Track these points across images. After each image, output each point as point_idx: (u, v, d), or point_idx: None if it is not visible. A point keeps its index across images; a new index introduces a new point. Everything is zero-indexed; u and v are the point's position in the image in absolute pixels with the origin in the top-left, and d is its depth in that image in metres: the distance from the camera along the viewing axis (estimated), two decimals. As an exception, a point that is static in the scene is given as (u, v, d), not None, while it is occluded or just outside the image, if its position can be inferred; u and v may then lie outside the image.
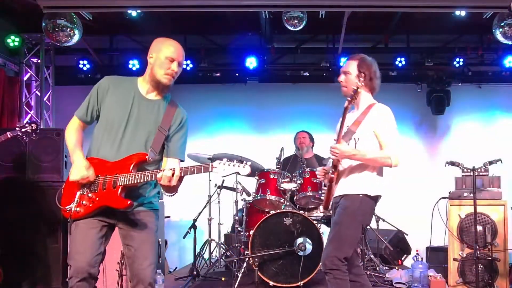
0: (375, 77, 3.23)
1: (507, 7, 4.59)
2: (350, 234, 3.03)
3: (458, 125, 7.37)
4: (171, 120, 2.82)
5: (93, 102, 2.79)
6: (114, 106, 2.76)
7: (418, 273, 4.59)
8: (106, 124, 2.76)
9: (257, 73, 7.04)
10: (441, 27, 6.50)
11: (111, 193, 2.66)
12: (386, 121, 3.11)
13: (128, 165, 2.68)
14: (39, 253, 5.20)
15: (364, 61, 3.22)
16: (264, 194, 4.81)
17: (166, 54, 2.76)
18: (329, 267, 2.96)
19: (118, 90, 2.78)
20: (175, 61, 2.78)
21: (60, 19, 5.50)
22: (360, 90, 3.09)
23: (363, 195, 3.05)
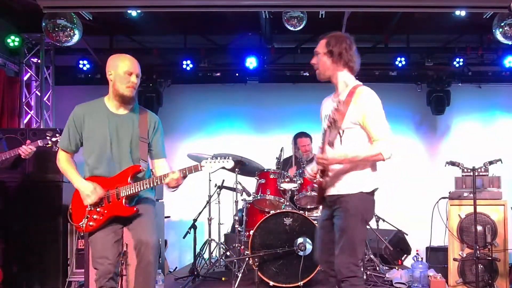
0: (347, 52, 2.96)
1: (507, 7, 4.60)
2: (360, 236, 2.90)
3: (458, 125, 7.36)
4: (147, 127, 3.12)
5: (73, 132, 3.07)
6: (93, 129, 3.04)
7: (418, 273, 4.59)
8: (91, 147, 3.06)
9: (257, 73, 7.04)
10: (441, 27, 6.50)
11: (117, 204, 3.01)
12: (372, 111, 2.83)
13: (125, 178, 3.02)
14: (39, 253, 5.20)
15: (332, 37, 3.01)
16: (264, 194, 4.81)
17: (124, 69, 3.03)
18: (346, 275, 2.81)
19: (92, 115, 3.06)
20: (133, 73, 3.04)
21: (60, 19, 5.49)
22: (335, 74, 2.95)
23: (361, 193, 2.87)
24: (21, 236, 5.19)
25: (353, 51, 3.02)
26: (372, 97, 2.89)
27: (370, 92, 2.91)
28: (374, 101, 2.88)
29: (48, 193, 5.36)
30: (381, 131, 2.83)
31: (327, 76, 3.03)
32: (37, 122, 6.73)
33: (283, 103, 7.29)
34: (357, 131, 2.88)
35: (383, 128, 2.84)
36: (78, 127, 3.06)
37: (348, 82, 2.97)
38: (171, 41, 7.09)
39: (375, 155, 2.81)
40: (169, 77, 7.31)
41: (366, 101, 2.85)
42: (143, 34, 6.91)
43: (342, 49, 2.97)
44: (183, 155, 5.74)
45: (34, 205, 5.27)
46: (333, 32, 3.09)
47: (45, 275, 5.23)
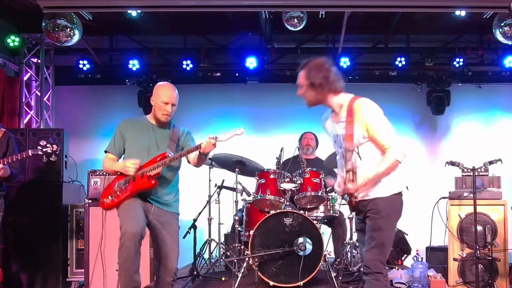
0: (327, 79, 3.01)
1: (507, 7, 4.61)
2: (390, 237, 3.10)
3: (458, 125, 7.36)
4: (177, 135, 3.71)
5: (118, 139, 3.62)
6: (136, 137, 3.60)
7: (418, 273, 4.59)
8: (132, 150, 3.58)
9: (257, 73, 7.04)
10: (441, 27, 6.50)
11: (140, 180, 3.46)
12: (373, 121, 2.94)
13: (153, 161, 3.50)
14: (39, 253, 5.20)
15: (310, 69, 3.07)
16: (264, 194, 4.80)
17: (162, 99, 3.54)
18: (373, 270, 2.98)
19: (135, 126, 3.64)
20: (169, 103, 3.56)
21: (60, 19, 5.49)
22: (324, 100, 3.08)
23: (391, 196, 3.03)
24: (21, 236, 5.19)
25: (333, 74, 3.05)
26: (369, 108, 2.98)
27: (366, 103, 3.00)
28: (372, 112, 2.98)
29: (48, 193, 5.36)
30: (388, 138, 2.96)
31: (316, 104, 3.17)
32: (37, 122, 6.73)
33: (283, 103, 7.27)
34: (371, 144, 3.03)
35: (388, 135, 2.97)
36: (122, 135, 3.60)
37: (342, 102, 3.07)
38: (171, 41, 7.09)
39: (392, 163, 2.97)
40: (169, 77, 7.26)
41: (364, 115, 2.96)
42: (143, 34, 6.91)
43: (322, 79, 3.02)
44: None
45: (34, 205, 5.28)
46: (310, 60, 3.14)
47: (45, 275, 5.23)
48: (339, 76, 3.09)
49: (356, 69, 6.76)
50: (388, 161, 2.96)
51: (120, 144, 3.62)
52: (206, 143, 3.39)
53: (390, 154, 2.95)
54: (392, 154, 2.95)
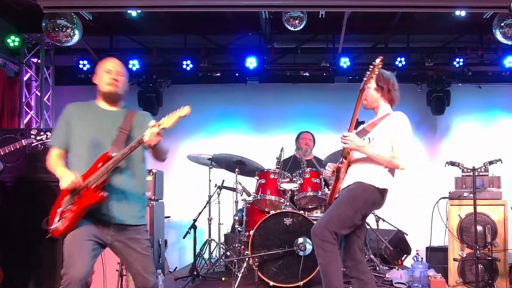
0: (393, 89, 3.41)
1: (507, 7, 4.61)
2: (345, 212, 3.13)
3: (458, 125, 7.36)
4: (132, 121, 3.02)
5: (63, 127, 3.00)
6: (82, 127, 2.97)
7: (418, 273, 4.59)
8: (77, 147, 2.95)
9: (257, 73, 7.04)
10: (441, 27, 6.50)
11: (86, 194, 2.82)
12: (402, 130, 3.22)
13: (96, 166, 2.85)
14: (38, 253, 5.20)
15: (382, 75, 3.38)
16: (264, 194, 4.81)
17: (103, 68, 3.02)
18: (318, 236, 3.07)
19: (80, 111, 3.04)
20: (112, 70, 3.00)
21: (60, 19, 5.49)
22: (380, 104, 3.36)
23: (369, 185, 3.15)
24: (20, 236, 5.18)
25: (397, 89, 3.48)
26: (404, 118, 3.29)
27: (404, 117, 3.31)
28: (404, 122, 3.27)
29: (47, 193, 5.35)
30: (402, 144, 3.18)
31: (373, 107, 3.43)
32: (37, 122, 6.73)
33: (283, 103, 7.28)
34: (386, 142, 3.22)
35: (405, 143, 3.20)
36: (68, 122, 3.00)
37: (387, 111, 3.42)
38: (171, 41, 7.09)
39: (391, 157, 3.15)
40: (169, 77, 7.31)
41: (397, 120, 3.26)
42: (143, 34, 6.91)
43: (390, 86, 3.41)
44: (183, 155, 5.75)
45: (33, 205, 5.27)
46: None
47: (44, 275, 5.22)
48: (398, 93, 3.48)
49: (356, 69, 6.75)
50: (389, 153, 3.15)
51: (65, 132, 3.00)
52: (148, 134, 2.74)
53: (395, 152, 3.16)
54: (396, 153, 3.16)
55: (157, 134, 2.74)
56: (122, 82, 3.05)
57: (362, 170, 3.23)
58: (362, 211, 3.18)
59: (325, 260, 3.08)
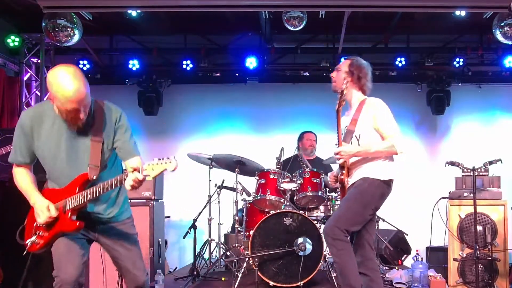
0: (365, 77, 3.42)
1: (507, 7, 4.61)
2: (354, 209, 3.17)
3: (458, 125, 7.36)
4: (102, 125, 2.69)
5: (24, 142, 2.73)
6: (44, 137, 2.69)
7: (418, 273, 4.59)
8: (44, 156, 2.73)
9: (257, 73, 7.03)
10: (441, 27, 6.50)
11: (63, 218, 2.68)
12: (381, 114, 3.25)
13: (74, 188, 2.66)
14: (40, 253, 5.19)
15: (356, 62, 3.45)
16: (264, 194, 4.80)
17: (68, 106, 2.50)
18: (330, 235, 3.09)
19: (41, 121, 2.69)
20: (79, 109, 2.53)
21: (60, 19, 5.49)
22: (346, 90, 3.33)
23: (376, 179, 3.20)
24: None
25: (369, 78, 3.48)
26: (380, 102, 3.32)
27: (378, 100, 3.35)
28: (382, 105, 3.30)
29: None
30: (391, 129, 3.22)
31: (340, 90, 3.39)
32: (37, 122, 6.73)
33: (283, 103, 7.28)
34: (373, 134, 3.26)
35: (392, 127, 3.24)
36: (29, 137, 2.70)
37: (360, 98, 3.44)
38: (171, 41, 7.09)
39: (388, 147, 3.19)
40: (169, 77, 7.31)
41: (374, 106, 3.28)
42: (143, 34, 6.91)
43: (362, 74, 3.42)
44: (183, 155, 5.74)
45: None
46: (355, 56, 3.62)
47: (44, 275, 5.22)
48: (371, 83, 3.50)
49: (356, 69, 6.75)
50: (385, 144, 3.19)
51: (29, 146, 2.72)
52: (131, 181, 2.43)
53: (390, 140, 3.19)
54: (392, 140, 3.18)
55: (139, 181, 2.44)
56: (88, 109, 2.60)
57: (364, 166, 3.27)
58: (371, 206, 3.23)
59: (339, 258, 3.11)
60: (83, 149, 2.69)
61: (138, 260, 2.91)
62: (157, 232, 5.16)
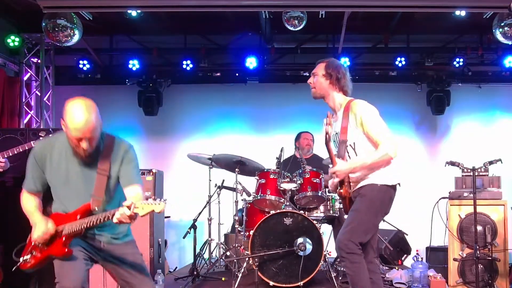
0: (344, 77, 3.29)
1: (507, 7, 4.61)
2: (367, 220, 3.11)
3: (458, 125, 7.36)
4: (110, 160, 2.79)
5: (37, 172, 2.84)
6: (55, 164, 2.81)
7: (418, 273, 4.59)
8: (53, 184, 2.85)
9: (257, 73, 7.04)
10: (441, 27, 6.50)
11: (56, 242, 2.74)
12: (368, 118, 3.13)
13: (75, 216, 2.74)
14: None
15: (332, 63, 3.31)
16: (264, 194, 4.80)
17: (73, 134, 2.66)
18: (344, 250, 3.03)
19: (53, 155, 2.81)
20: (83, 139, 2.67)
21: (60, 19, 5.49)
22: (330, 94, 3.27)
23: (381, 185, 3.13)
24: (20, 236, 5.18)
25: (348, 78, 3.33)
26: (364, 106, 3.18)
27: (362, 102, 3.21)
28: (367, 109, 3.16)
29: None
30: (381, 134, 3.09)
31: (321, 95, 3.35)
32: (37, 122, 6.73)
33: (283, 103, 7.28)
34: (366, 139, 3.15)
35: (382, 131, 3.10)
36: (41, 166, 2.83)
37: (342, 102, 3.30)
38: (171, 41, 7.09)
39: (382, 156, 3.07)
40: (169, 77, 7.31)
41: (359, 111, 3.14)
42: (143, 34, 6.91)
43: (340, 75, 3.28)
44: (183, 155, 5.75)
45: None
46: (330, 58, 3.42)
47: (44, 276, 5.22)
48: (350, 82, 3.35)
49: (356, 69, 6.76)
50: (379, 153, 3.08)
51: (41, 176, 2.85)
52: (119, 215, 2.49)
53: (382, 147, 3.07)
54: (384, 147, 3.07)
55: (128, 216, 2.48)
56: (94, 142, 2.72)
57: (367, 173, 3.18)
58: (382, 212, 3.21)
59: (352, 271, 3.05)
60: (89, 180, 2.78)
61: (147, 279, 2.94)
62: (157, 232, 5.16)
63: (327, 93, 3.30)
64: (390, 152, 3.06)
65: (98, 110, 2.72)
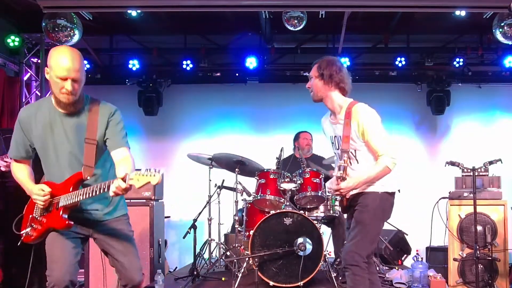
0: (337, 74, 3.15)
1: (507, 7, 4.60)
2: (372, 231, 3.11)
3: (458, 125, 7.36)
4: (97, 125, 2.75)
5: (21, 138, 2.82)
6: (40, 133, 2.77)
7: (418, 273, 4.59)
8: (41, 152, 2.82)
9: (257, 73, 7.04)
10: (441, 27, 6.50)
11: (54, 214, 2.74)
12: (369, 127, 3.04)
13: (68, 186, 2.72)
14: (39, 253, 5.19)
15: (323, 61, 3.22)
16: (264, 194, 4.80)
17: (57, 73, 2.59)
18: (349, 262, 3.02)
19: (38, 118, 2.76)
20: (68, 79, 2.60)
21: (60, 19, 5.50)
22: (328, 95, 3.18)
23: (382, 193, 3.11)
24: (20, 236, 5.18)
25: (343, 73, 3.20)
26: (366, 113, 3.08)
27: (364, 108, 3.10)
28: (369, 117, 3.07)
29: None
30: (382, 145, 3.04)
31: (320, 97, 3.24)
32: (37, 122, 6.73)
33: (283, 103, 7.28)
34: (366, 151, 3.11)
35: (383, 142, 3.05)
36: (26, 131, 2.79)
37: (342, 104, 3.18)
38: (171, 41, 7.09)
39: (383, 169, 3.04)
40: (169, 77, 7.31)
41: (361, 119, 3.05)
42: (143, 34, 6.91)
43: (333, 72, 3.16)
44: (183, 155, 5.75)
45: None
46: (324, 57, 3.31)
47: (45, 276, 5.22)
48: (349, 78, 3.23)
49: (356, 69, 6.76)
50: (379, 167, 3.04)
51: (25, 142, 2.82)
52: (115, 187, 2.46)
53: (382, 161, 3.03)
54: (383, 161, 3.02)
55: (124, 189, 2.45)
56: (79, 87, 2.68)
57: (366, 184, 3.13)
58: (384, 220, 3.23)
59: (353, 283, 3.02)
60: (79, 141, 2.74)
61: (134, 258, 2.90)
62: (157, 232, 5.16)
63: (324, 94, 3.20)
64: (389, 165, 3.02)
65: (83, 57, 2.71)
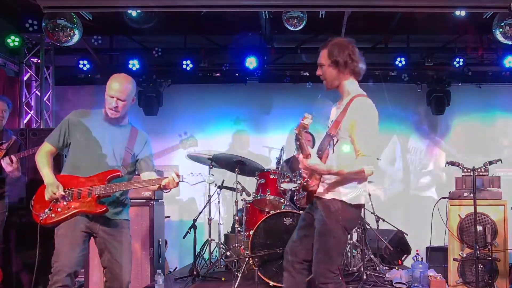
0: (351, 59, 2.90)
1: (507, 7, 4.60)
2: (336, 243, 2.87)
3: (458, 125, 7.36)
4: (134, 142, 3.31)
5: (65, 133, 3.23)
6: (87, 128, 3.22)
7: (418, 273, 4.59)
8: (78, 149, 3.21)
9: (257, 73, 7.04)
10: (441, 27, 6.49)
11: (88, 201, 3.09)
12: (361, 122, 2.79)
13: (103, 179, 3.12)
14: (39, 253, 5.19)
15: (334, 46, 2.96)
16: (264, 194, 4.81)
17: (108, 92, 3.20)
18: (322, 281, 2.84)
19: (87, 119, 3.26)
20: (114, 98, 3.18)
21: (60, 19, 5.49)
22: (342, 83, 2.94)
23: (348, 204, 2.85)
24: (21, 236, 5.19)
25: (357, 55, 2.95)
26: (366, 108, 2.84)
27: (365, 102, 2.86)
28: (366, 113, 2.83)
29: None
30: (366, 146, 2.77)
31: (335, 86, 3.01)
32: (37, 122, 6.73)
33: (283, 103, 7.28)
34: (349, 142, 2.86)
35: (369, 144, 2.78)
36: (71, 129, 3.22)
37: (352, 92, 2.95)
38: (171, 41, 7.09)
39: (358, 171, 2.77)
40: (169, 77, 7.31)
41: (357, 111, 2.81)
42: (143, 34, 6.91)
43: (347, 57, 2.91)
44: (183, 155, 5.75)
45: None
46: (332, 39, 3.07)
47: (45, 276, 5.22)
48: (361, 58, 2.97)
49: (356, 69, 6.75)
50: (357, 166, 2.77)
51: (66, 136, 3.24)
52: (168, 181, 3.08)
53: (362, 161, 2.76)
54: (362, 162, 2.75)
55: (176, 183, 3.07)
56: (122, 107, 3.23)
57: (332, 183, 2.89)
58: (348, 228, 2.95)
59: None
60: (118, 147, 3.23)
61: (129, 262, 3.22)
62: (157, 232, 5.16)
63: (339, 82, 2.96)
64: (367, 169, 2.73)
65: (135, 86, 3.37)
